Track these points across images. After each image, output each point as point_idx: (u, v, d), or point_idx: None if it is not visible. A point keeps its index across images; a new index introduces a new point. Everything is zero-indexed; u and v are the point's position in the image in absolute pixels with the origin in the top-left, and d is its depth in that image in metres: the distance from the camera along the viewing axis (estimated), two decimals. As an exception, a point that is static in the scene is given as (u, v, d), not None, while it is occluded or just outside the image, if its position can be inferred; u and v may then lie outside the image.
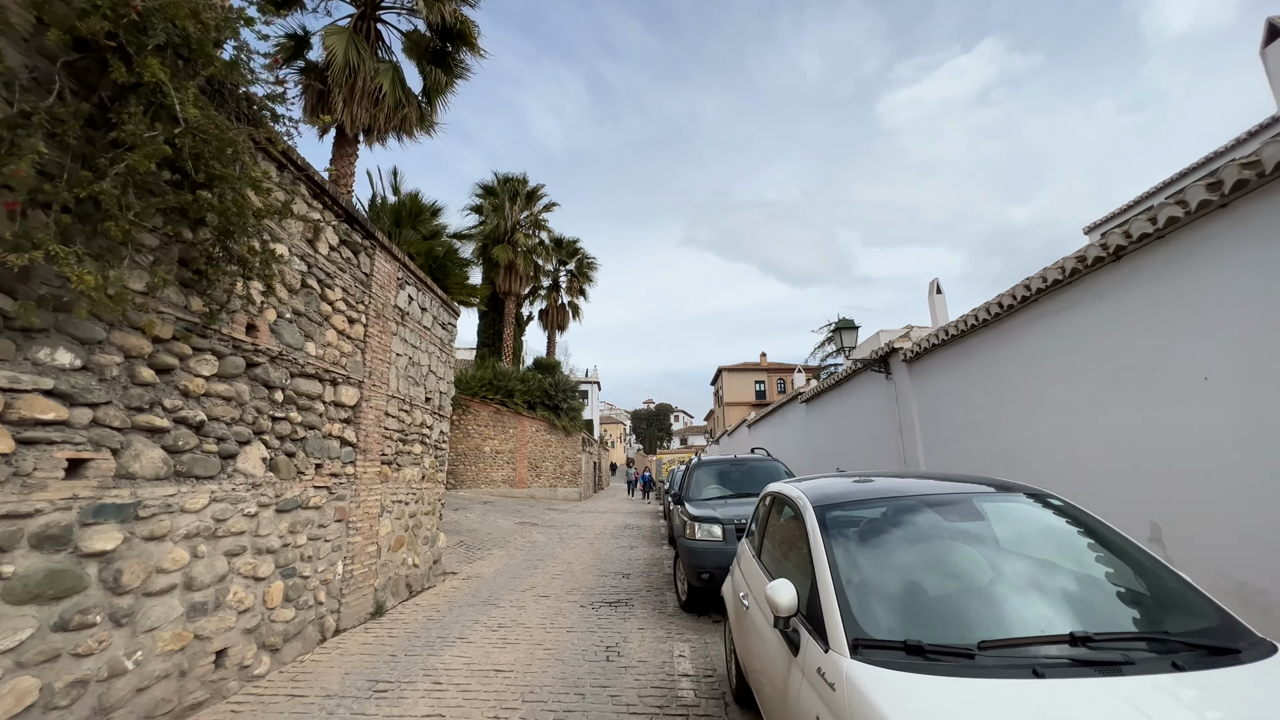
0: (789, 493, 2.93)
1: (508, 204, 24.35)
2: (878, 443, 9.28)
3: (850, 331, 8.83)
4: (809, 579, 2.20)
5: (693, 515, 5.71)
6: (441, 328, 7.87)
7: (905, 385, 8.32)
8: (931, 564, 2.14)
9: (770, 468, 7.19)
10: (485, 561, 9.10)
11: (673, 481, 13.34)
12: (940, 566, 2.12)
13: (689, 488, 6.85)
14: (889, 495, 2.56)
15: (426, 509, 7.18)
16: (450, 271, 8.19)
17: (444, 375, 7.92)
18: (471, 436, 20.69)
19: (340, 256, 5.30)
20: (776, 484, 3.45)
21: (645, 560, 9.15)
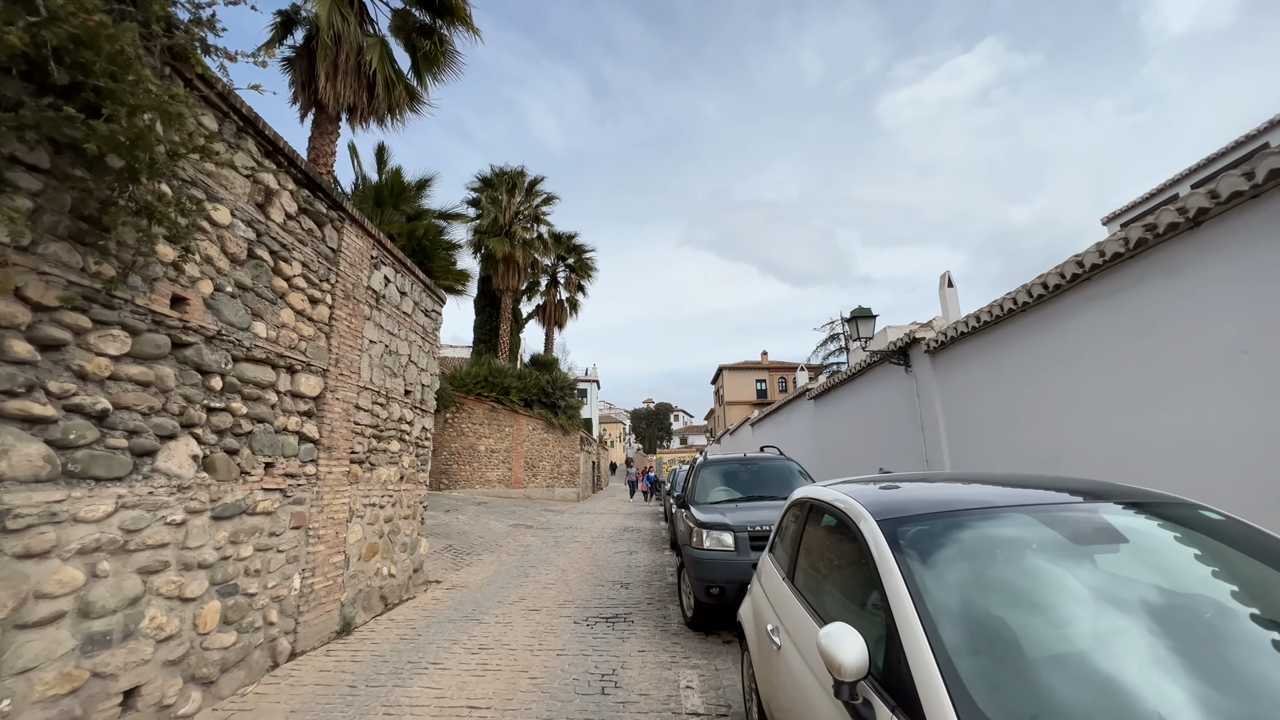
0: (833, 499, 2.28)
1: (505, 196, 23.69)
2: (895, 440, 8.65)
3: (867, 320, 8.21)
4: (882, 625, 1.56)
5: (700, 521, 5.06)
6: (424, 314, 7.22)
7: (928, 378, 7.68)
8: (1065, 607, 1.49)
9: (783, 467, 6.55)
10: (474, 568, 8.45)
11: (674, 482, 12.70)
12: (1081, 611, 1.46)
13: (694, 490, 6.21)
14: (979, 503, 1.90)
15: (405, 513, 6.53)
16: (435, 254, 7.55)
17: (426, 366, 7.27)
18: (466, 435, 20.05)
19: (300, 227, 4.65)
20: (810, 488, 2.81)
21: (646, 567, 8.50)
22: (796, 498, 2.92)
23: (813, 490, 2.72)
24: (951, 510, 1.86)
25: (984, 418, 6.53)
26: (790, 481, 6.27)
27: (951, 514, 1.83)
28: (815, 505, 2.55)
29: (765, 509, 5.35)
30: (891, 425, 8.77)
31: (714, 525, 4.94)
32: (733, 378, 49.50)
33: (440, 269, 7.57)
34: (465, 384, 20.45)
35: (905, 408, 8.33)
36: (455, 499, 17.28)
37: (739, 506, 5.51)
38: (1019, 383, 5.86)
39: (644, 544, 11.13)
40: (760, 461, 6.56)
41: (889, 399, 8.85)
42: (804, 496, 2.80)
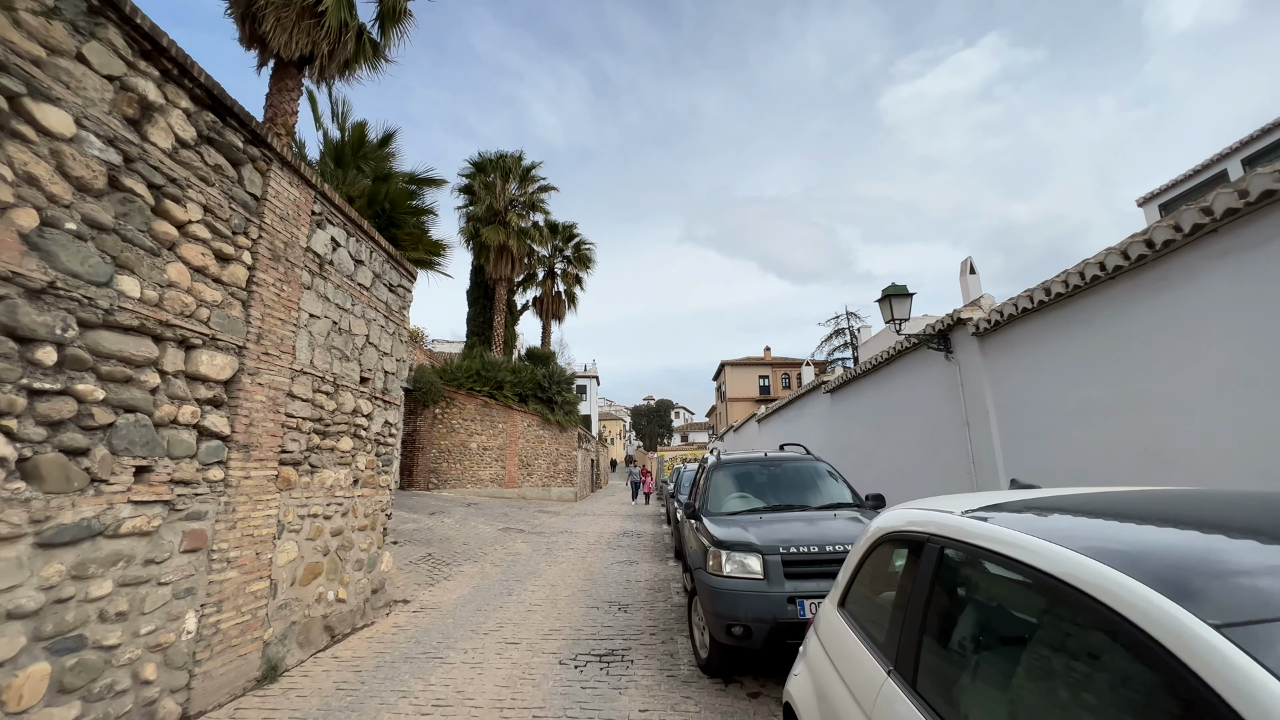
0: (1030, 549, 1.18)
1: (500, 182, 22.60)
2: (933, 437, 7.59)
3: (902, 299, 7.13)
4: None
5: (718, 540, 4.01)
6: (388, 289, 6.16)
7: (974, 365, 6.62)
8: None
9: (813, 469, 5.49)
10: (451, 582, 7.41)
11: (677, 483, 11.64)
12: None
13: (706, 496, 5.15)
14: None
15: (361, 523, 5.48)
16: (403, 220, 6.49)
17: (392, 350, 6.21)
18: (456, 432, 19.00)
19: (202, 161, 3.59)
20: (925, 514, 1.74)
21: (648, 582, 7.45)
22: (899, 530, 1.83)
23: (935, 519, 1.65)
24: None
25: (1051, 410, 5.47)
26: (823, 487, 5.22)
27: None
28: (964, 550, 1.47)
29: (799, 523, 4.29)
30: (928, 420, 7.71)
31: (735, 545, 3.88)
32: (735, 374, 48.48)
33: (409, 237, 6.51)
34: (456, 378, 19.39)
35: (945, 400, 7.27)
36: (444, 500, 16.24)
37: (764, 519, 4.45)
38: (1105, 367, 4.80)
39: (645, 551, 10.08)
40: (785, 462, 5.50)
41: (925, 390, 7.79)
42: (917, 530, 1.72)
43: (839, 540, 3.79)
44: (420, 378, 17.92)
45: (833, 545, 3.73)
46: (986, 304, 6.64)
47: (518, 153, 23.06)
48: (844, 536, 3.85)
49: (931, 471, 7.61)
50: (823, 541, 3.79)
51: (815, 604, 3.49)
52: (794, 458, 5.68)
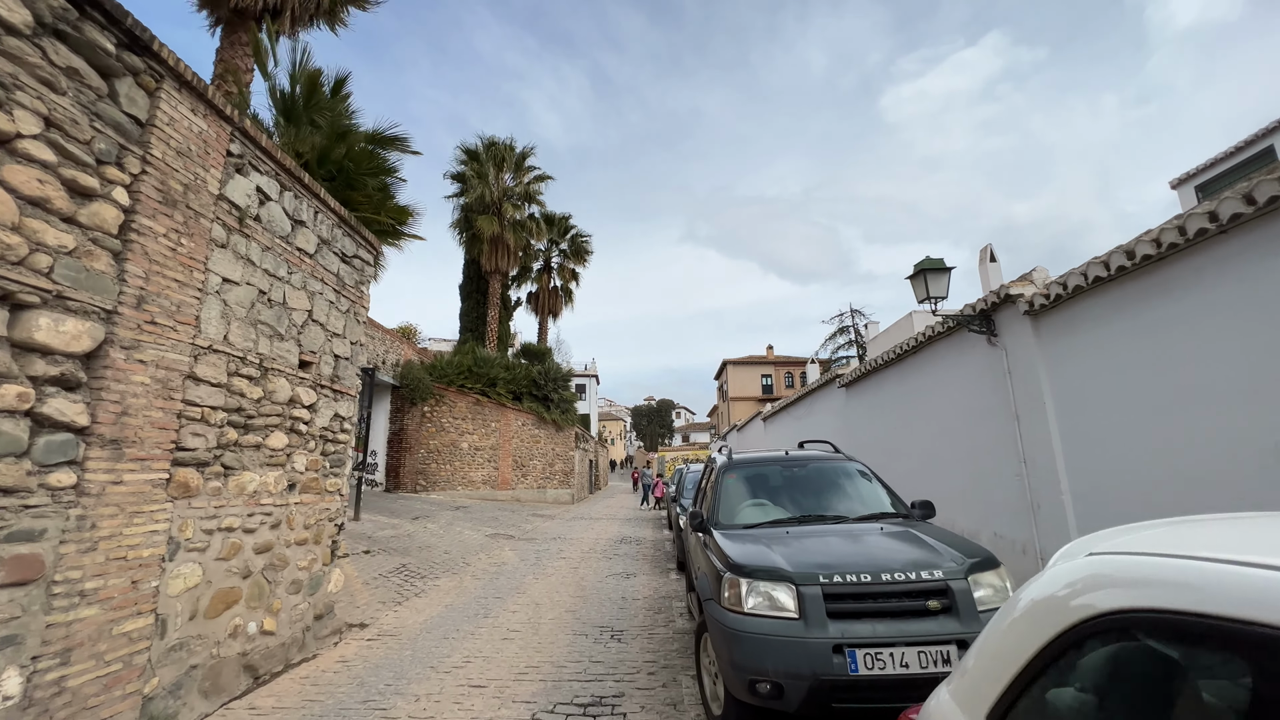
0: None
1: (493, 170, 21.68)
2: (970, 433, 6.65)
3: (939, 274, 6.17)
4: None
5: (735, 563, 3.08)
6: (340, 259, 5.23)
7: (1026, 349, 5.68)
8: None
9: (844, 469, 4.54)
10: (423, 600, 6.48)
11: (679, 485, 10.69)
12: None
13: (717, 504, 4.21)
14: None
15: (300, 536, 4.55)
16: (362, 182, 5.56)
17: (344, 331, 5.28)
18: (446, 431, 18.07)
19: (45, 59, 2.66)
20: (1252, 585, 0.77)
21: (647, 600, 6.52)
22: (1149, 611, 0.88)
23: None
24: None
25: (1134, 399, 4.53)
26: (859, 492, 4.27)
27: None
28: None
29: (838, 540, 3.36)
30: (965, 413, 6.77)
31: (759, 571, 2.95)
32: (737, 372, 47.56)
33: (367, 201, 5.57)
34: (446, 374, 18.47)
35: (987, 390, 6.33)
36: (431, 503, 15.31)
37: (792, 535, 3.51)
38: (1215, 344, 3.86)
39: (644, 561, 9.14)
40: (810, 463, 4.55)
41: (961, 380, 6.84)
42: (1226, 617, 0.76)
43: (899, 566, 2.86)
44: (408, 374, 17.00)
45: (891, 573, 2.79)
46: (1040, 278, 5.70)
47: (511, 139, 22.16)
48: (903, 561, 2.92)
49: (969, 472, 6.67)
50: (876, 567, 2.86)
51: (872, 656, 2.56)
52: (820, 457, 4.73)
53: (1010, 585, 2.86)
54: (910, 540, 3.26)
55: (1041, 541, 5.54)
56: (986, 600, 2.75)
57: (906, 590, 2.74)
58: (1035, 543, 5.59)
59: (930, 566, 2.84)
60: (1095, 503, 4.98)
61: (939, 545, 3.11)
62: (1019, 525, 5.81)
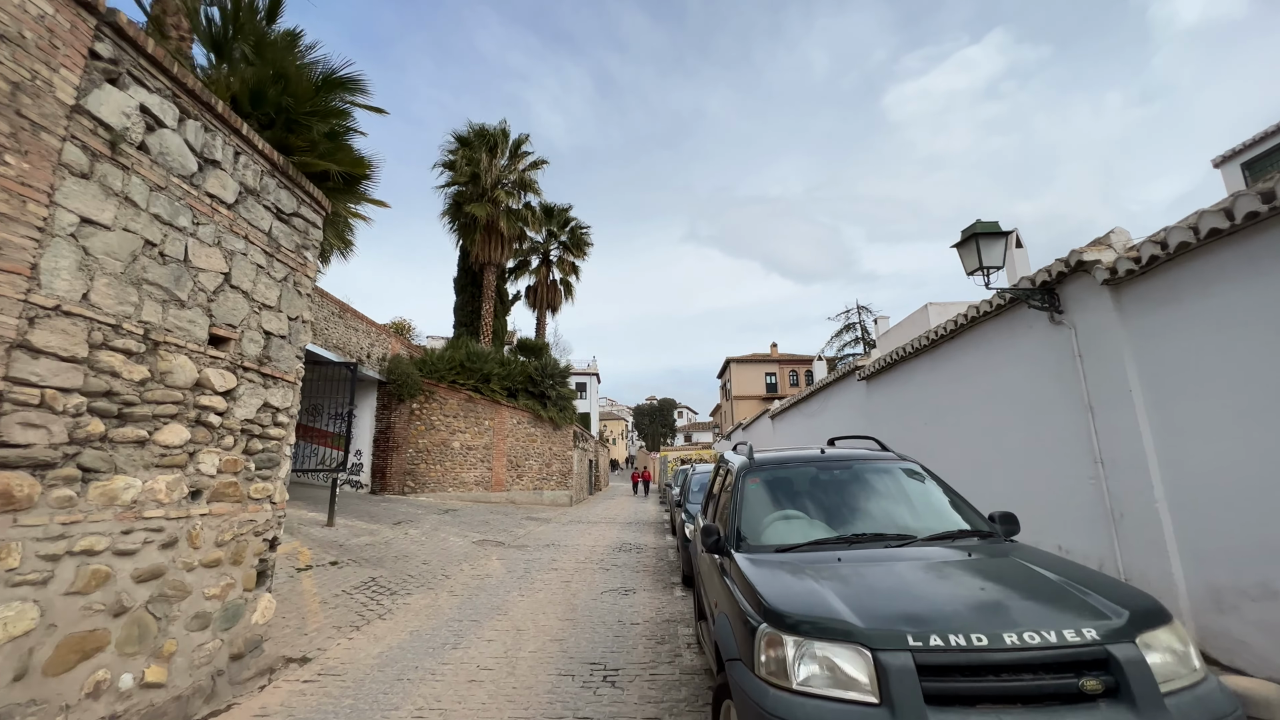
0: None
1: (485, 156, 20.73)
2: (1026, 428, 5.69)
3: (994, 240, 5.16)
4: None
5: (773, 607, 2.12)
6: (274, 216, 4.29)
7: (1104, 327, 4.73)
8: None
9: (899, 472, 3.57)
10: (386, 623, 5.54)
11: (684, 487, 9.72)
12: None
13: (738, 517, 3.24)
14: None
15: (210, 556, 3.60)
16: (306, 124, 4.62)
17: (280, 304, 4.34)
18: (437, 429, 17.13)
19: None
20: None
21: (647, 625, 5.57)
22: None
23: None
24: None
25: (1258, 389, 3.58)
26: (921, 501, 3.29)
27: None
28: None
29: (914, 570, 2.40)
30: (1019, 405, 5.80)
31: (813, 625, 1.98)
32: (741, 371, 46.64)
33: (306, 145, 4.61)
34: (437, 370, 17.54)
35: (1048, 377, 5.37)
36: (417, 506, 14.37)
37: (847, 562, 2.55)
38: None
39: (645, 574, 8.19)
40: (856, 463, 3.58)
41: (1014, 367, 5.88)
42: None
43: (1025, 620, 1.90)
44: (395, 369, 16.07)
45: (1017, 632, 1.84)
46: (1120, 240, 4.73)
47: (504, 125, 21.20)
48: (1030, 611, 1.96)
49: (1022, 475, 5.71)
50: (991, 621, 1.90)
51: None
52: (865, 456, 3.76)
53: (1194, 649, 1.90)
54: (1024, 575, 2.30)
55: (1125, 557, 4.58)
56: (1167, 674, 1.79)
57: (1045, 660, 1.79)
58: (1116, 558, 4.64)
59: (1074, 621, 1.88)
60: (1199, 512, 4.03)
61: (1071, 584, 2.16)
62: (1092, 537, 4.85)
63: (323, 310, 12.79)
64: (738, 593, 2.53)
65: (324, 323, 12.82)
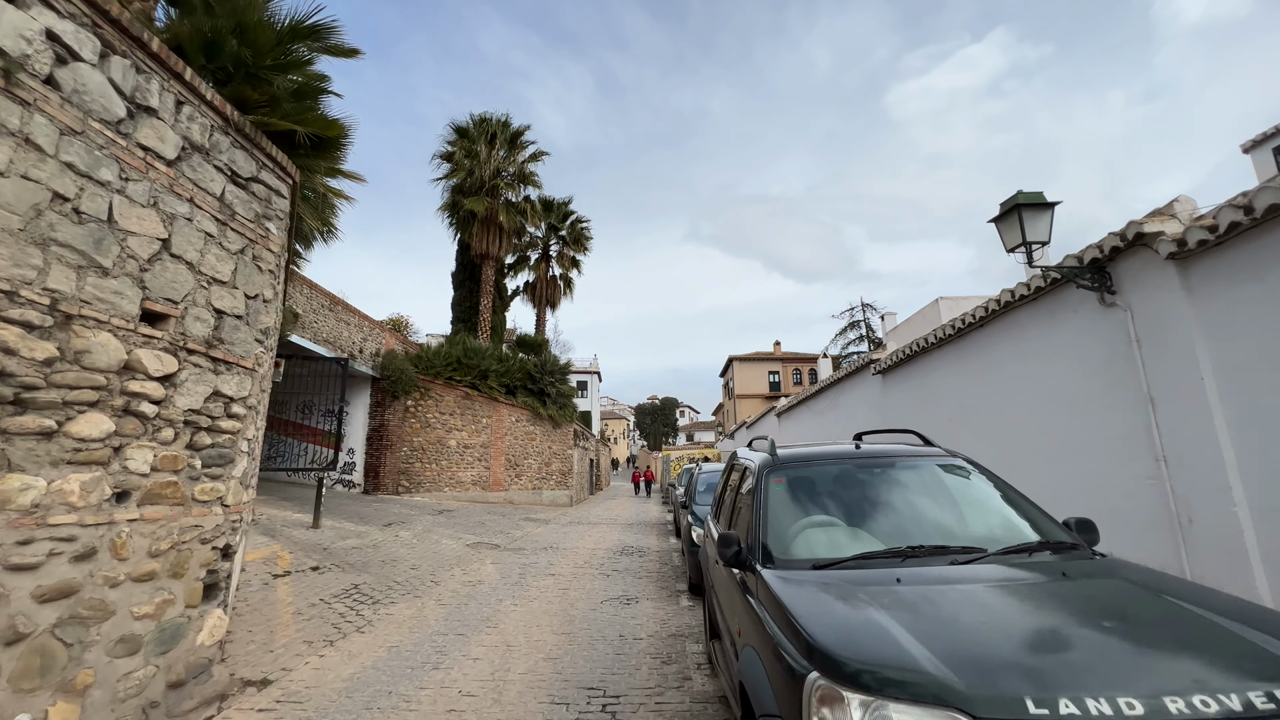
0: None
1: (484, 148, 20.21)
2: (1069, 423, 5.15)
3: (1039, 212, 4.60)
4: None
5: (826, 649, 1.60)
6: (229, 179, 3.77)
7: (1170, 308, 4.18)
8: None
9: (947, 468, 3.03)
10: (363, 638, 5.02)
11: (690, 488, 9.18)
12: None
13: (763, 525, 2.70)
14: None
15: (142, 569, 3.08)
16: (267, 79, 4.10)
17: (233, 279, 3.82)
18: (433, 427, 16.61)
19: None
20: None
21: (651, 643, 5.04)
22: None
23: None
24: None
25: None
26: (986, 505, 2.75)
27: None
28: None
29: (1008, 599, 1.86)
30: (1060, 399, 5.26)
31: (886, 679, 1.45)
32: (744, 369, 46.13)
33: (265, 100, 4.08)
34: (433, 366, 17.02)
35: (1097, 366, 4.83)
36: (411, 507, 13.86)
37: (909, 582, 2.01)
38: None
39: (648, 580, 7.66)
40: (900, 461, 3.04)
41: (1055, 355, 5.34)
42: None
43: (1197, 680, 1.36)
44: (389, 364, 15.56)
45: (1183, 697, 1.30)
46: (1185, 210, 4.19)
47: (504, 116, 20.68)
48: (1194, 662, 1.42)
49: (1065, 475, 5.17)
50: (1144, 681, 1.37)
51: None
52: (911, 452, 3.22)
53: None
54: (1152, 606, 1.75)
55: (1194, 567, 4.04)
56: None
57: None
58: (1183, 568, 4.09)
59: (1255, 676, 1.35)
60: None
61: (1219, 618, 1.62)
62: (1151, 545, 4.31)
63: (312, 302, 12.29)
64: (770, 622, 2.01)
65: (313, 315, 12.31)
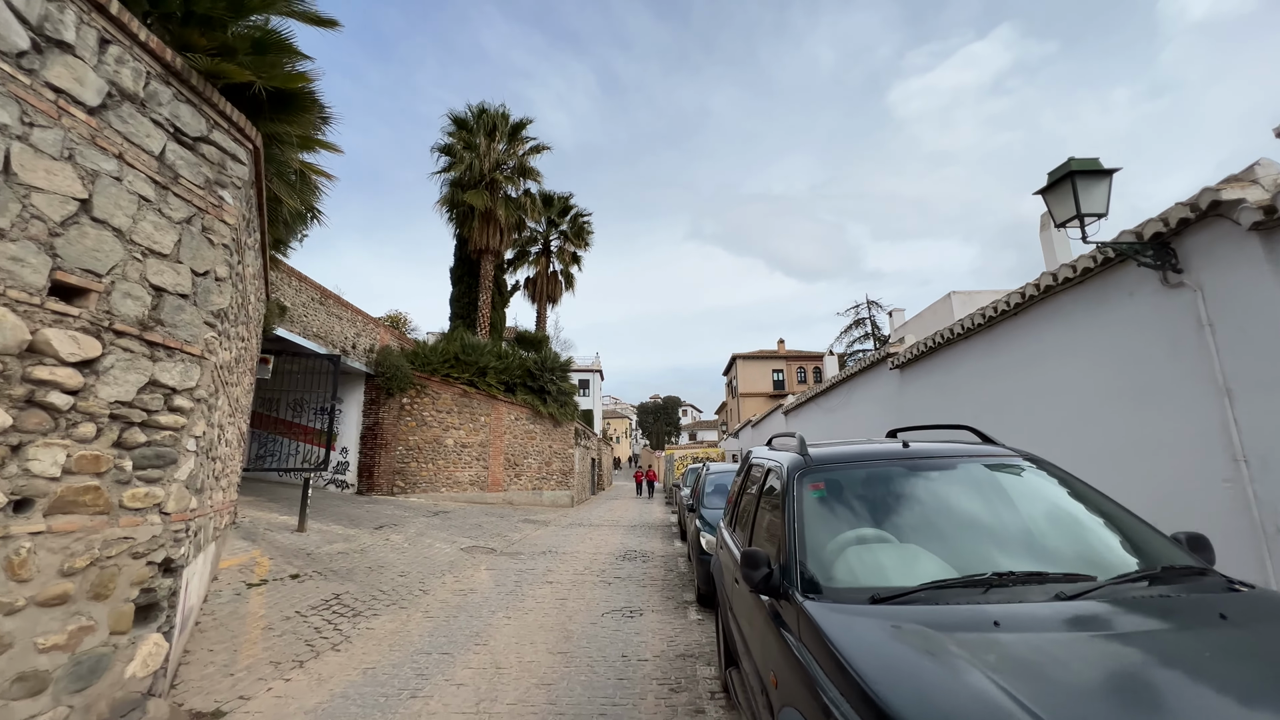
0: None
1: (484, 140, 19.71)
2: (1127, 417, 4.61)
3: (1095, 180, 4.07)
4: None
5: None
6: (171, 135, 3.26)
7: (1251, 287, 3.65)
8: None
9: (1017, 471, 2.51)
10: (337, 657, 4.51)
11: (698, 490, 8.65)
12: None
13: (796, 541, 2.19)
14: None
15: (49, 592, 2.57)
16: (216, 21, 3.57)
17: (175, 252, 3.31)
18: (429, 425, 16.12)
19: None
20: None
21: (657, 664, 4.53)
22: None
23: None
24: None
25: None
26: (1072, 519, 2.23)
27: None
28: None
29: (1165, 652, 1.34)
30: (1115, 389, 4.73)
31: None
32: (747, 367, 45.57)
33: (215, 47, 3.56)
34: (430, 362, 16.53)
35: (1159, 354, 4.30)
36: (406, 508, 13.37)
37: (1010, 630, 1.50)
38: None
39: (653, 589, 7.15)
40: (963, 460, 2.50)
41: (1108, 341, 4.80)
42: None
43: None
44: (384, 361, 15.07)
45: None
46: (1269, 174, 3.65)
47: (503, 107, 20.17)
48: None
49: (1123, 475, 4.62)
50: None
51: None
52: (972, 451, 2.68)
53: None
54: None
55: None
56: None
57: None
58: (1269, 582, 3.57)
59: None
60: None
61: None
62: (1233, 557, 3.77)
63: (301, 295, 11.80)
64: (822, 678, 1.49)
65: (303, 309, 11.82)
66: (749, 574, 2.16)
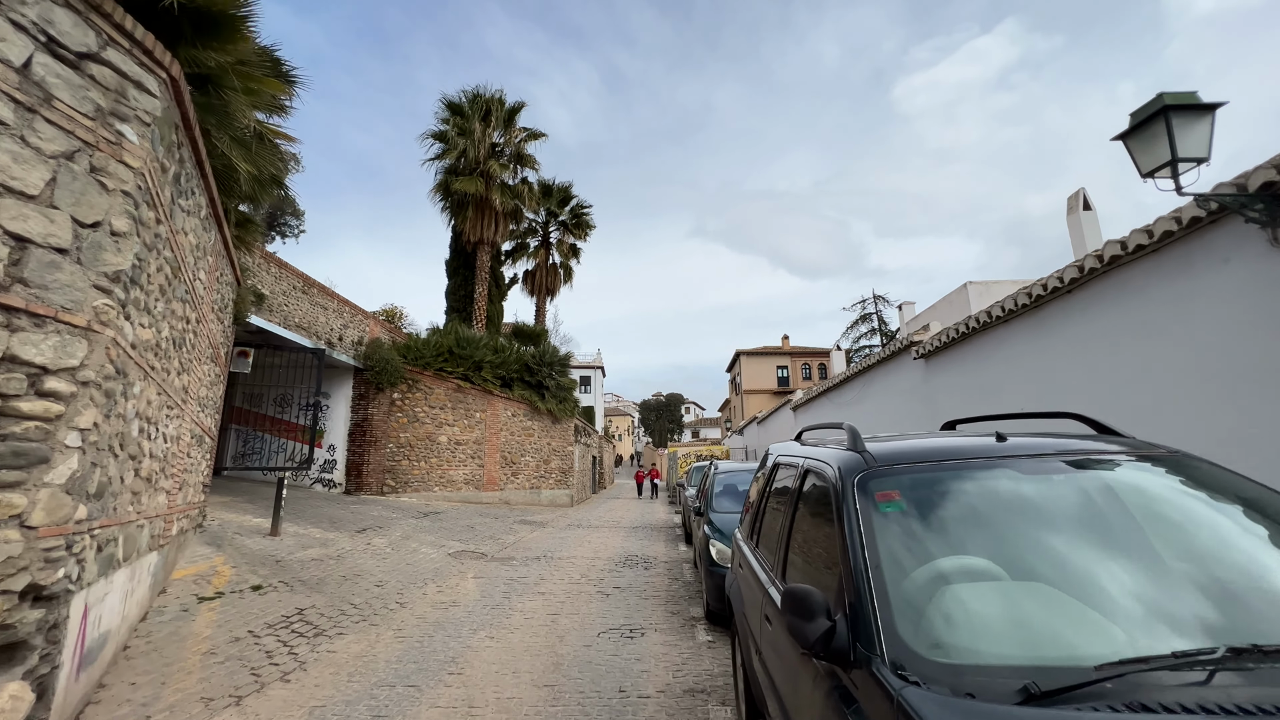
0: None
1: (478, 125, 18.98)
2: (1223, 405, 3.85)
3: (1193, 117, 3.27)
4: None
5: None
6: (43, 47, 2.54)
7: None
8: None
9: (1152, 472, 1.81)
10: (285, 690, 3.81)
11: (704, 490, 7.91)
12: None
13: (876, 588, 1.46)
14: None
15: None
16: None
17: (49, 194, 2.60)
18: (421, 422, 15.43)
19: None
20: None
21: (661, 705, 3.82)
22: None
23: None
24: None
25: None
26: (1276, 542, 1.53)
27: None
28: None
29: None
30: (1207, 372, 3.98)
31: None
32: (751, 364, 44.81)
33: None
34: (423, 356, 15.83)
35: (1272, 328, 3.55)
36: (394, 508, 12.68)
37: None
38: None
39: (656, 602, 6.43)
40: (1095, 460, 1.79)
41: (1195, 316, 4.05)
42: None
43: None
44: (374, 354, 14.38)
45: None
46: None
47: (499, 92, 19.42)
48: None
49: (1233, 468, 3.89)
50: None
51: None
52: (1104, 450, 1.94)
53: None
54: None
55: None
56: None
57: None
58: None
59: None
60: None
61: None
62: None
63: (281, 284, 11.11)
64: None
65: (283, 298, 11.13)
66: (798, 627, 1.44)
